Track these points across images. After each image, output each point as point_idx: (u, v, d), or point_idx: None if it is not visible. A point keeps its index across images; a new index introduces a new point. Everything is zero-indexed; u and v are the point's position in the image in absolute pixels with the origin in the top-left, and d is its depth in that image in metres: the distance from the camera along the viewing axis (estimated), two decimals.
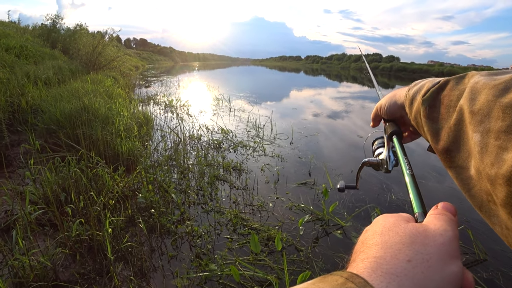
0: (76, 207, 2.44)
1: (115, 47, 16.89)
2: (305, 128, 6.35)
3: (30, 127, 3.91)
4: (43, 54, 9.24)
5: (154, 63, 61.22)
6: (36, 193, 2.49)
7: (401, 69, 66.31)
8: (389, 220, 0.31)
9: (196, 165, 3.87)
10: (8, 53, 7.38)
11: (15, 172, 3.25)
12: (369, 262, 0.25)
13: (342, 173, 4.00)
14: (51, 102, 4.29)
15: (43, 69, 6.46)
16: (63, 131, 3.55)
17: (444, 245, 0.26)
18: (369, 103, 11.78)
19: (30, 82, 5.50)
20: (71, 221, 2.31)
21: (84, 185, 2.68)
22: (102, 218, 2.44)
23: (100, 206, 2.53)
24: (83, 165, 2.96)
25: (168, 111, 7.56)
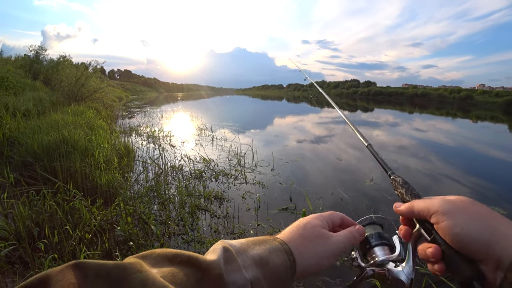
0: (50, 242, 2.36)
1: (99, 79, 16.98)
2: (287, 154, 6.48)
3: (5, 159, 3.81)
4: (23, 85, 9.18)
5: (138, 94, 61.46)
6: (7, 228, 2.41)
7: (378, 93, 69.83)
8: (313, 222, 0.48)
9: (177, 196, 3.84)
10: None
11: None
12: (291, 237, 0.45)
13: (323, 196, 4.07)
14: (28, 134, 4.23)
15: (22, 101, 6.40)
16: (40, 164, 3.49)
17: (334, 250, 0.46)
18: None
19: (8, 113, 5.42)
20: (43, 257, 2.23)
21: (60, 219, 2.62)
22: (77, 253, 2.37)
23: (76, 241, 2.46)
24: (59, 198, 2.90)
25: (150, 142, 7.55)
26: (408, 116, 20.42)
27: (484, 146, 9.51)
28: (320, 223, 0.48)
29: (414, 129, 12.72)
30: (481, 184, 5.08)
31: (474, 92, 59.40)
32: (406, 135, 10.64)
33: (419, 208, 0.44)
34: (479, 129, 15.42)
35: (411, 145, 8.54)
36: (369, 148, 0.70)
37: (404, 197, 0.52)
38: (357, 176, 5.09)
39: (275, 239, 0.44)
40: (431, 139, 10.04)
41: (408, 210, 0.47)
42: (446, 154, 7.55)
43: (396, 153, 7.04)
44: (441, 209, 0.40)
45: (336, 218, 0.52)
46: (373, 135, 10.05)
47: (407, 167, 5.81)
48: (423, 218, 0.43)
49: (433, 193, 3.33)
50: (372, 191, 4.37)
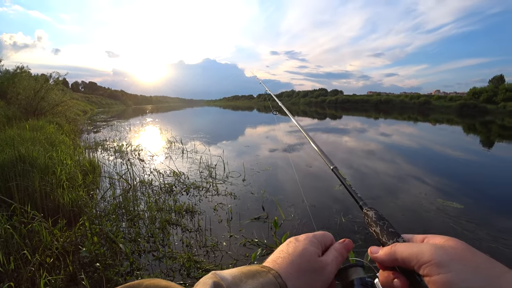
0: (5, 270, 2.19)
1: (61, 91, 16.13)
2: (258, 164, 6.52)
3: None
4: None
5: (104, 107, 59.12)
6: None
7: (345, 101, 73.06)
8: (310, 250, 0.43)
9: (146, 211, 3.73)
10: None
11: None
12: (286, 268, 0.41)
13: (294, 204, 4.14)
14: None
15: None
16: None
17: (328, 279, 0.42)
18: (321, 134, 12.62)
19: None
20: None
21: (16, 243, 2.43)
22: (37, 279, 2.21)
23: (35, 266, 2.30)
24: (16, 221, 2.71)
25: (118, 157, 7.27)
26: (374, 122, 21.46)
27: (443, 147, 10.25)
28: (317, 249, 0.44)
29: (380, 133, 13.40)
30: (442, 181, 5.45)
31: (431, 98, 63.96)
32: (373, 139, 11.18)
33: (403, 256, 0.37)
34: (437, 131, 16.60)
35: (378, 149, 8.98)
36: (334, 171, 0.64)
37: (379, 237, 0.44)
38: (327, 182, 5.24)
39: (269, 271, 0.39)
40: (396, 143, 10.67)
41: (389, 257, 0.39)
42: (410, 156, 8.07)
43: (365, 157, 7.36)
44: (434, 260, 0.34)
45: (328, 239, 0.47)
46: (342, 141, 10.44)
47: (375, 170, 6.09)
48: (409, 267, 0.37)
49: (401, 193, 3.53)
50: (341, 195, 4.51)
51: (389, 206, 4.12)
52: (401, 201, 4.36)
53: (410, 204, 4.23)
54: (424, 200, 4.39)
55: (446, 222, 3.65)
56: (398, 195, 4.62)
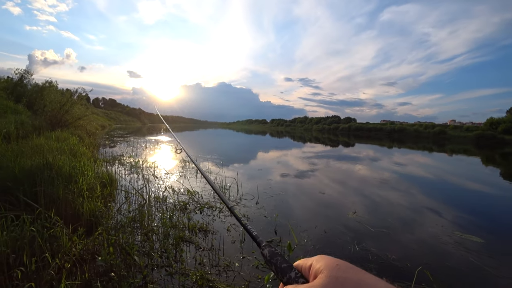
0: (26, 271, 2.25)
1: (83, 106, 16.86)
2: (271, 188, 6.53)
3: None
4: (5, 108, 8.98)
5: (122, 123, 60.84)
6: None
7: (358, 129, 72.57)
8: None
9: (160, 227, 3.77)
10: None
11: None
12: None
13: (307, 229, 4.10)
14: (10, 158, 4.12)
15: (4, 123, 6.25)
16: (21, 188, 3.38)
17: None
18: (333, 161, 12.50)
19: None
20: (17, 286, 2.12)
21: (39, 246, 2.52)
22: (55, 283, 2.26)
23: (55, 270, 2.36)
24: (39, 225, 2.80)
25: (134, 172, 7.44)
26: (388, 151, 21.08)
27: (461, 178, 9.90)
28: None
29: (394, 163, 13.12)
30: (460, 214, 5.27)
31: (447, 127, 62.73)
32: (386, 168, 10.95)
33: None
34: (454, 161, 16.02)
35: (392, 178, 8.79)
36: (231, 211, 0.68)
37: (277, 275, 0.47)
38: (340, 209, 5.18)
39: None
40: (411, 172, 10.39)
41: None
42: (426, 186, 7.82)
43: (378, 187, 7.23)
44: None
45: None
46: (355, 169, 10.33)
47: (389, 200, 5.97)
48: None
49: (416, 224, 3.47)
50: (355, 223, 4.45)
51: (404, 237, 4.01)
52: (417, 232, 4.24)
53: (426, 236, 4.10)
54: (441, 232, 4.26)
55: (465, 256, 3.52)
56: (413, 226, 4.50)
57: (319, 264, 0.40)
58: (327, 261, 0.40)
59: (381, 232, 4.14)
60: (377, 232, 4.12)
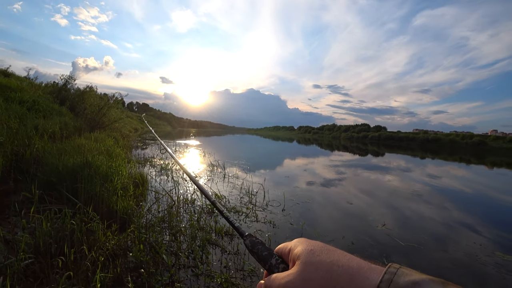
0: (65, 260, 2.40)
1: (119, 109, 17.78)
2: (298, 195, 6.47)
3: (31, 177, 3.98)
4: (51, 110, 9.71)
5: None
6: (30, 242, 2.48)
7: (388, 138, 69.75)
8: None
9: (188, 228, 3.86)
10: (21, 106, 7.82)
11: (6, 220, 3.23)
12: None
13: (333, 239, 4.02)
14: (55, 155, 4.44)
15: (50, 124, 6.78)
16: (63, 184, 3.63)
17: None
18: (361, 171, 12.12)
19: (37, 134, 5.74)
20: (58, 274, 2.27)
21: (78, 239, 2.68)
22: (90, 274, 2.39)
23: (90, 262, 2.50)
24: (78, 219, 2.99)
25: (164, 174, 7.70)
26: (420, 162, 20.03)
27: (503, 194, 9.16)
28: None
29: (427, 174, 12.45)
30: (502, 233, 4.89)
31: (487, 138, 58.38)
32: (419, 180, 10.42)
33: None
34: (496, 175, 14.84)
35: (425, 191, 8.33)
36: (214, 204, 0.71)
37: (260, 263, 0.50)
38: (369, 220, 5.02)
39: None
40: (446, 185, 9.80)
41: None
42: (462, 201, 7.34)
43: (410, 199, 6.90)
44: None
45: None
46: (384, 179, 9.95)
47: (420, 214, 5.67)
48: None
49: (451, 241, 3.25)
50: (384, 236, 4.28)
51: (437, 254, 3.78)
52: (451, 250, 3.98)
53: (462, 255, 3.83)
54: (480, 252, 3.97)
55: (507, 279, 3.26)
56: (448, 243, 4.23)
57: (297, 249, 0.42)
58: (303, 246, 0.42)
59: (412, 247, 3.95)
60: (407, 247, 3.93)
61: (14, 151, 4.59)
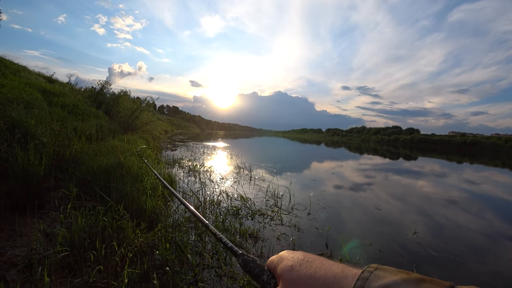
0: (97, 255, 2.53)
1: (150, 113, 18.50)
2: (324, 199, 6.34)
3: (69, 175, 4.26)
4: (89, 113, 10.34)
5: (182, 129, 65.14)
6: (67, 235, 2.64)
7: (422, 141, 66.07)
8: None
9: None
10: (62, 109, 8.41)
11: (46, 214, 3.47)
12: None
13: (360, 246, 3.88)
14: (91, 156, 4.71)
15: (88, 126, 7.22)
16: (97, 183, 3.84)
17: None
18: (392, 175, 11.63)
19: (76, 136, 6.14)
20: (90, 267, 2.39)
21: (109, 235, 2.81)
22: (118, 269, 2.50)
23: (119, 257, 2.61)
24: (110, 216, 3.14)
25: (191, 175, 7.88)
26: (457, 166, 18.78)
27: None
28: None
29: (464, 180, 11.66)
30: None
31: None
32: (455, 186, 9.78)
33: None
34: None
35: (461, 198, 7.81)
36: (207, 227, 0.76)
37: (253, 280, 0.52)
38: (398, 227, 4.79)
39: None
40: (485, 193, 9.09)
41: None
42: (504, 211, 6.77)
43: (444, 206, 6.49)
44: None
45: None
46: (417, 185, 9.47)
47: (456, 223, 5.31)
48: None
49: (491, 254, 3.01)
50: (415, 245, 4.07)
51: (474, 267, 3.52)
52: (491, 263, 3.67)
53: (503, 269, 3.52)
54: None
55: None
56: (486, 255, 3.92)
57: (279, 267, 0.45)
58: (284, 263, 0.44)
59: (446, 258, 3.72)
60: (441, 258, 3.71)
61: (56, 151, 4.93)
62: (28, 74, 15.90)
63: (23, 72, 15.26)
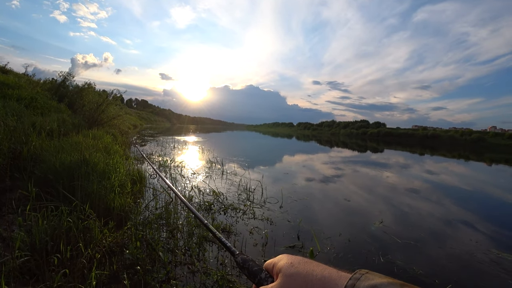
0: (61, 258, 2.41)
1: (118, 106, 17.72)
2: (296, 192, 6.48)
3: (28, 174, 3.98)
4: (50, 107, 9.69)
5: (152, 123, 63.16)
6: (26, 239, 2.48)
7: (388, 134, 69.39)
8: None
9: (185, 225, 3.88)
10: (18, 103, 7.79)
11: (2, 218, 3.23)
12: None
13: (330, 236, 4.03)
14: (52, 153, 4.44)
15: (48, 121, 6.77)
16: (60, 182, 3.63)
17: None
18: (360, 167, 12.13)
19: (35, 132, 5.72)
20: (54, 271, 2.28)
21: (74, 236, 2.68)
22: (86, 271, 2.40)
23: (86, 259, 2.51)
24: (75, 216, 2.99)
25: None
26: (419, 158, 19.97)
27: (501, 190, 9.13)
28: None
29: (425, 171, 12.46)
30: (498, 230, 4.91)
31: (486, 135, 58.10)
32: (417, 177, 10.42)
33: None
34: (494, 172, 14.83)
35: (423, 187, 8.36)
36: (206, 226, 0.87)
37: (250, 279, 0.56)
38: (366, 217, 5.04)
39: None
40: (444, 182, 9.81)
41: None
42: (460, 198, 7.33)
43: (408, 196, 6.92)
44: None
45: None
46: (383, 176, 9.96)
47: (418, 211, 5.68)
48: None
49: (448, 238, 3.25)
50: (381, 233, 4.30)
51: (433, 251, 3.80)
52: (448, 247, 3.99)
53: (459, 252, 3.85)
54: (476, 249, 3.98)
55: (502, 277, 3.28)
56: (444, 240, 4.25)
57: (279, 264, 0.49)
58: (284, 261, 0.48)
59: (409, 244, 3.97)
60: (404, 244, 3.96)
61: (11, 148, 4.58)
62: None
63: None
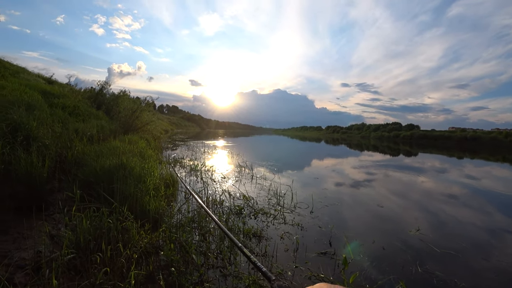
0: (103, 256, 2.54)
1: (150, 112, 18.49)
2: (326, 197, 6.35)
3: (72, 177, 4.27)
4: (89, 114, 10.34)
5: (182, 128, 65.08)
6: (72, 238, 2.65)
7: (422, 137, 65.67)
8: None
9: (217, 229, 3.93)
10: (63, 111, 8.40)
11: (51, 217, 3.48)
12: None
13: (363, 243, 3.90)
14: (93, 157, 4.72)
15: (89, 127, 7.22)
16: (101, 184, 3.84)
17: None
18: (392, 172, 11.62)
19: (77, 137, 6.14)
20: (96, 269, 2.41)
21: (114, 236, 2.82)
22: (124, 270, 2.51)
23: (125, 259, 2.62)
24: (114, 217, 3.15)
25: (193, 175, 7.89)
26: (457, 162, 18.67)
27: None
28: None
29: (465, 175, 11.63)
30: None
31: None
32: (456, 182, 9.77)
33: None
34: None
35: (463, 193, 7.81)
36: (241, 250, 0.94)
37: None
38: (401, 225, 4.81)
39: None
40: (487, 188, 9.07)
41: None
42: (507, 206, 6.75)
43: (446, 202, 6.49)
44: None
45: None
46: (418, 181, 9.47)
47: (458, 219, 5.31)
48: None
49: (493, 249, 3.01)
50: (417, 242, 4.08)
51: (477, 263, 3.52)
52: (494, 258, 3.67)
53: (507, 265, 3.52)
54: None
55: None
56: (489, 250, 3.91)
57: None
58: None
59: (449, 254, 3.73)
60: (443, 254, 3.72)
61: (58, 153, 4.94)
62: (27, 75, 15.88)
63: (23, 74, 15.24)
